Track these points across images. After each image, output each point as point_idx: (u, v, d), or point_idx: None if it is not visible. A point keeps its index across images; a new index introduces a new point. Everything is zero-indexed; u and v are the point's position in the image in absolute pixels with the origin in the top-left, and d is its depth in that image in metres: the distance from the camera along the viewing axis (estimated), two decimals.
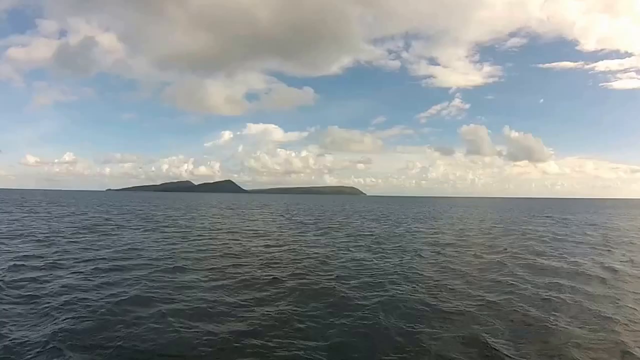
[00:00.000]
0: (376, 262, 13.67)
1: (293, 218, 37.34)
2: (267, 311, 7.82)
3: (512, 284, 10.50)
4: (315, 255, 14.92)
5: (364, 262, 13.62)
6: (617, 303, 8.83)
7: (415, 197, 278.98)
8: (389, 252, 16.17)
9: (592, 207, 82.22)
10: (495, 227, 29.46)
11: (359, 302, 8.56)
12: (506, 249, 17.02)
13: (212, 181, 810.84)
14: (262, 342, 6.32)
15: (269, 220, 33.37)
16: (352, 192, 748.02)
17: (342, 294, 9.17)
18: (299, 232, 23.89)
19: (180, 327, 6.80)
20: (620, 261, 14.39)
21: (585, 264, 13.70)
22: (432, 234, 23.56)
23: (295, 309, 8.01)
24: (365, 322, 7.31)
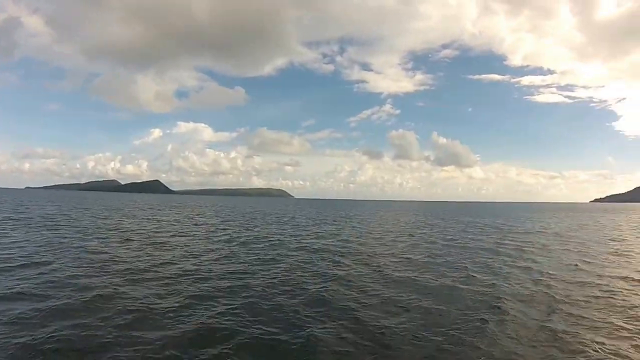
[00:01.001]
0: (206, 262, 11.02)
1: (195, 219, 34.38)
2: None
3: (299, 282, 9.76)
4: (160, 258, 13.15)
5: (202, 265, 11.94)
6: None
7: (343, 200, 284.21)
8: (235, 254, 13.80)
9: (511, 210, 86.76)
10: (390, 230, 28.69)
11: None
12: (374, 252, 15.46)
13: (139, 181, 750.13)
14: None
15: (165, 223, 29.20)
16: (279, 194, 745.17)
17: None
18: (180, 234, 21.29)
19: None
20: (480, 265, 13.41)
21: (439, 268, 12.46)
22: (313, 238, 21.58)
23: None
24: None
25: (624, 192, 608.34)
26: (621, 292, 9.91)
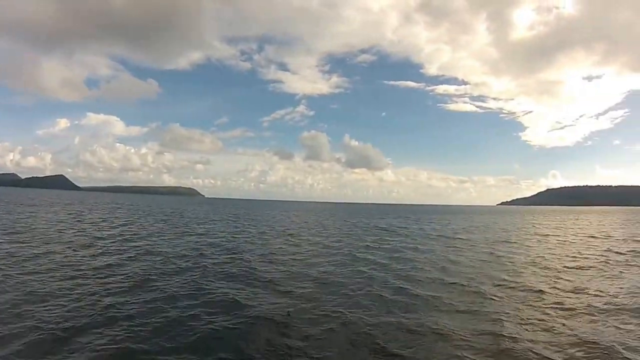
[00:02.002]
0: None
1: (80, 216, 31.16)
2: None
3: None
4: None
5: None
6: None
7: (252, 200, 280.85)
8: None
9: (414, 212, 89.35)
10: (275, 229, 28.37)
11: None
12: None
13: (42, 175, 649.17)
14: None
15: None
16: (189, 193, 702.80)
17: None
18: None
19: None
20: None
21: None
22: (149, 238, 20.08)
23: None
24: None
25: (528, 196, 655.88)
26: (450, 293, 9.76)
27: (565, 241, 23.90)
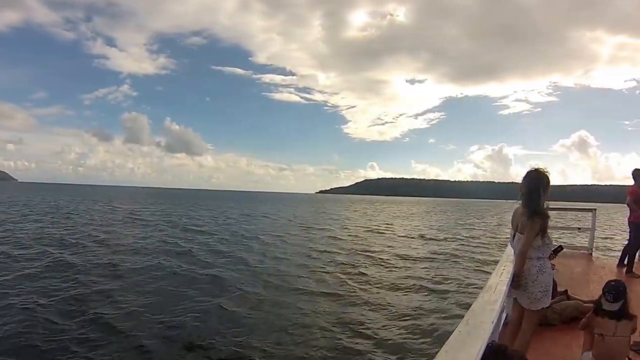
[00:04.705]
0: None
1: None
2: None
3: None
4: None
5: None
6: None
7: (71, 185, 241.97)
8: None
9: (220, 199, 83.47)
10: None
11: None
12: None
13: None
14: None
15: None
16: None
17: None
18: None
19: None
20: None
21: None
22: None
23: None
24: None
25: (347, 185, 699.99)
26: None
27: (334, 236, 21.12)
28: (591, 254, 7.77)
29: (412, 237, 20.76)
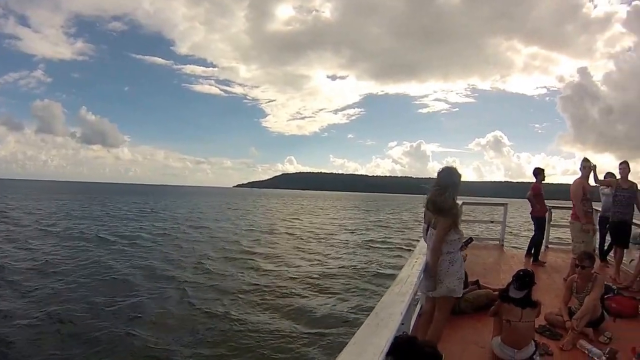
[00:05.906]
0: None
1: None
2: None
3: None
4: None
5: None
6: None
7: None
8: None
9: (130, 194, 79.58)
10: None
11: None
12: None
13: None
14: None
15: None
16: None
17: None
18: None
19: None
20: None
21: None
22: None
23: None
24: None
25: (264, 179, 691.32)
26: None
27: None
28: (502, 245, 8.16)
29: (318, 232, 20.91)
